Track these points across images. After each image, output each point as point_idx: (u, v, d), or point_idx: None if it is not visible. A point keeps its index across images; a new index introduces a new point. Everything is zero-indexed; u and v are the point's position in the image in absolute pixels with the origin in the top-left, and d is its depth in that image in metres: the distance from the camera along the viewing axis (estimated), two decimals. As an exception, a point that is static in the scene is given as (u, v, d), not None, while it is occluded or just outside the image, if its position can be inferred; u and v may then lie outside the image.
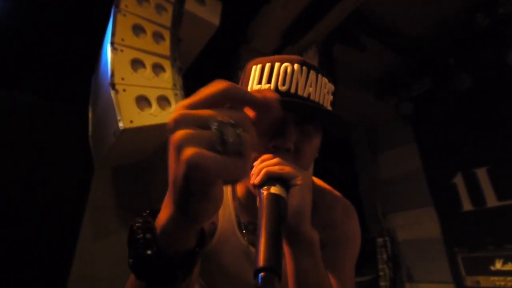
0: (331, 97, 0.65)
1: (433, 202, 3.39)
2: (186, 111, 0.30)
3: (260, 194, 0.50)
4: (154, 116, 1.77)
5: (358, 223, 0.79)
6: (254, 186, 0.53)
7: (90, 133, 2.33)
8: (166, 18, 2.06)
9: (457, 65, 3.14)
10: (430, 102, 3.50)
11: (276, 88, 0.59)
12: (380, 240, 3.69)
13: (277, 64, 0.61)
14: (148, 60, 1.89)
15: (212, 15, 2.29)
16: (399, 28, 3.01)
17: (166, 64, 1.96)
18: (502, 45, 2.80)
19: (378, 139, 4.33)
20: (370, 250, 3.69)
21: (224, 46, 2.75)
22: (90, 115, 2.36)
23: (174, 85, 1.92)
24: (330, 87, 0.66)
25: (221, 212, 0.76)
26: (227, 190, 0.79)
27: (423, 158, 3.60)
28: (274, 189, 0.50)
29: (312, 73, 0.61)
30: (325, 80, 0.64)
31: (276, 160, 0.54)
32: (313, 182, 0.78)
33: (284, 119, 0.60)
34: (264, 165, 0.54)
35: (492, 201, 2.89)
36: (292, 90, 0.59)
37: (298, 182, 0.53)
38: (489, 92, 3.04)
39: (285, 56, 0.63)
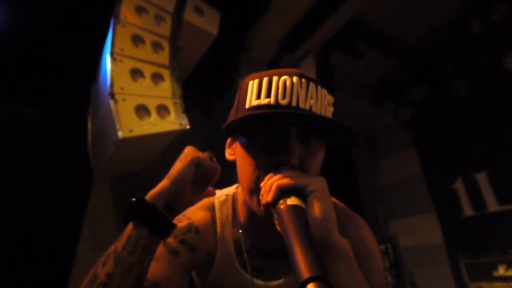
0: (331, 109, 0.63)
1: (434, 208, 3.36)
2: None
3: (277, 211, 0.45)
4: (154, 125, 1.77)
5: (371, 232, 0.76)
6: (268, 205, 0.50)
7: (89, 142, 2.33)
8: (165, 28, 2.08)
9: (454, 71, 3.16)
10: (428, 108, 3.51)
11: (277, 102, 0.56)
12: (382, 247, 3.65)
13: (275, 78, 0.58)
14: (147, 70, 1.90)
15: (210, 25, 2.31)
16: (395, 36, 3.04)
17: (165, 73, 1.97)
18: (497, 50, 2.83)
19: (378, 145, 4.33)
20: (372, 257, 3.64)
21: (222, 55, 2.77)
22: (89, 124, 2.36)
23: (173, 94, 1.93)
24: (330, 98, 0.63)
25: (219, 241, 0.74)
26: (228, 222, 0.75)
27: (423, 163, 3.58)
28: (291, 201, 0.45)
29: (312, 85, 0.59)
30: (325, 92, 0.61)
31: (283, 173, 0.51)
32: None
33: (287, 133, 0.57)
34: (273, 180, 0.50)
35: (493, 205, 2.87)
36: (294, 103, 0.56)
37: (314, 188, 0.48)
38: (487, 96, 3.04)
39: (283, 70, 0.61)
